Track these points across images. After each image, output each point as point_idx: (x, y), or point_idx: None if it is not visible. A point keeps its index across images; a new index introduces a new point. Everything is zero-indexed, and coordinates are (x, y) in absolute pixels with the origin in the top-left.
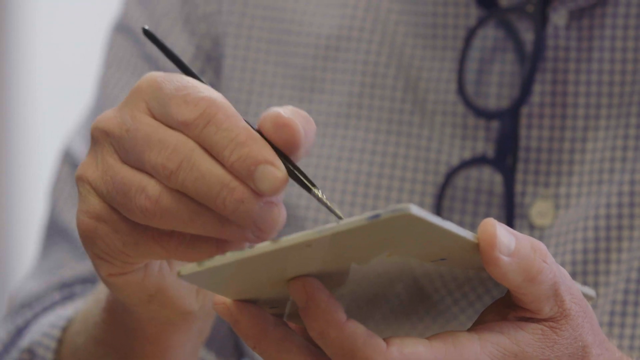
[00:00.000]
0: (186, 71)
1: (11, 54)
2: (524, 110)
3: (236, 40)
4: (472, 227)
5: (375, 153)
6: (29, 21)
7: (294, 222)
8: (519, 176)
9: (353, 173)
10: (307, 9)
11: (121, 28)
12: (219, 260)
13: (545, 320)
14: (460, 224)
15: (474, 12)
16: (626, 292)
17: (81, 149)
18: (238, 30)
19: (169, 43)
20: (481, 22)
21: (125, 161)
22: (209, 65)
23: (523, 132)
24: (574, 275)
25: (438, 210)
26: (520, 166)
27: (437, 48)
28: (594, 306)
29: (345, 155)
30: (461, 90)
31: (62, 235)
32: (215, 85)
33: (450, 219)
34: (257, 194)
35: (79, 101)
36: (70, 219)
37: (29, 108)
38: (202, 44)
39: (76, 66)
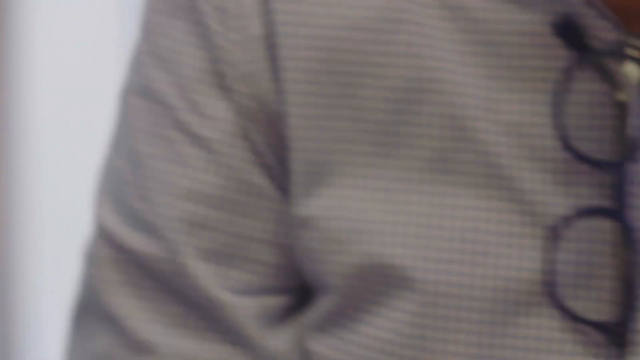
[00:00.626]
0: None
1: (11, 54)
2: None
3: (305, 99)
4: (589, 277)
5: (468, 208)
6: (29, 21)
7: None
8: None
9: (447, 230)
10: (377, 60)
11: (144, 93)
12: None
13: None
14: (576, 275)
15: (563, 54)
16: None
17: (114, 220)
18: (304, 87)
19: (204, 110)
20: (573, 66)
21: None
22: (256, 125)
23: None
24: None
25: (553, 264)
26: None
27: (525, 92)
28: None
29: (435, 211)
30: (561, 135)
31: (109, 322)
32: (272, 143)
33: (565, 271)
34: None
35: (79, 101)
36: (120, 304)
37: (29, 108)
38: (242, 106)
39: (76, 66)
